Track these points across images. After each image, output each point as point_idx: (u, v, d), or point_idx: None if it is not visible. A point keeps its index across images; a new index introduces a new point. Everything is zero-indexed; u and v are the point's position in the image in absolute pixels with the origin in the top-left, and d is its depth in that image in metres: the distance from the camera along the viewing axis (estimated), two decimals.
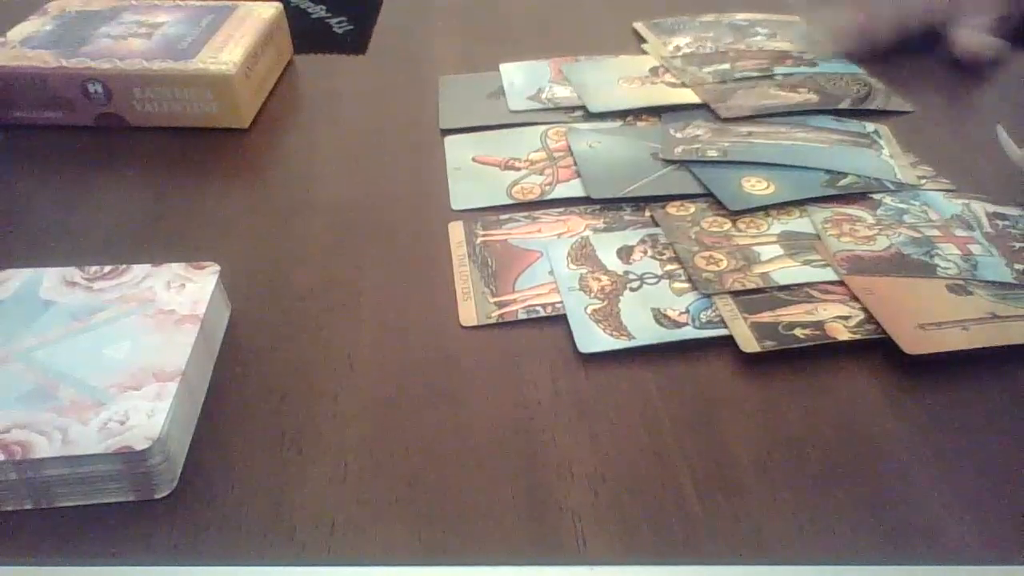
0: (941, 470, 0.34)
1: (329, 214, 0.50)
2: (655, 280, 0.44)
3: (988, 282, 0.43)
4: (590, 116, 0.60)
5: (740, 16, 0.76)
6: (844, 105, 0.60)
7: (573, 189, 0.52)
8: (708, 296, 0.42)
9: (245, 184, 0.53)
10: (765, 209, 0.49)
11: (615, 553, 0.31)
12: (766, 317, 0.41)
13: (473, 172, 0.54)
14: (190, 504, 0.33)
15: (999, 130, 0.50)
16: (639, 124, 0.59)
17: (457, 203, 0.51)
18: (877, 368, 0.39)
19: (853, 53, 0.67)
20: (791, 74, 0.64)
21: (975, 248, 0.46)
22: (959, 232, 0.47)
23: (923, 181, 0.52)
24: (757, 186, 0.51)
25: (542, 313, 0.42)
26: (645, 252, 0.46)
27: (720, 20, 0.75)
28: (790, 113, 0.59)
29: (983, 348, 0.39)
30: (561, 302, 0.43)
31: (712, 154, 0.54)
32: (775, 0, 0.78)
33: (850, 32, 0.67)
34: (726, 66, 0.66)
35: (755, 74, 0.64)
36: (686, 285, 0.43)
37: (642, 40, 0.72)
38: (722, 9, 0.78)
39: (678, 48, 0.69)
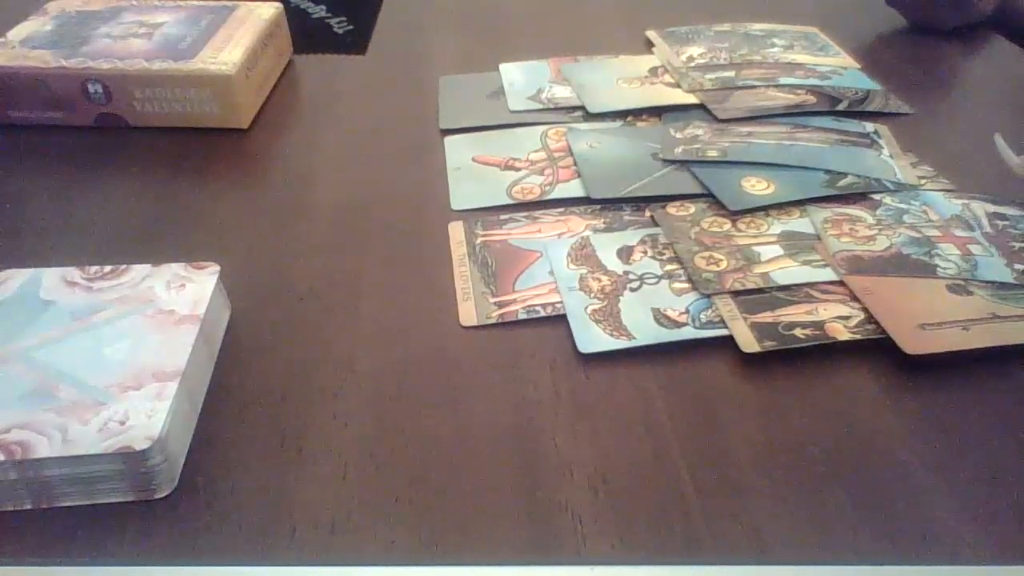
0: (941, 470, 0.34)
1: (329, 214, 0.50)
2: (655, 280, 0.44)
3: (988, 282, 0.43)
4: (590, 116, 0.60)
5: (756, 26, 0.74)
6: (842, 107, 0.60)
7: (573, 189, 0.52)
8: (708, 296, 0.42)
9: (245, 184, 0.53)
10: (765, 209, 0.49)
11: (615, 553, 0.31)
12: (766, 317, 0.41)
13: (473, 172, 0.54)
14: (190, 504, 0.33)
15: (997, 139, 0.50)
16: (639, 124, 0.59)
17: (457, 203, 0.51)
18: (877, 368, 0.39)
19: None
20: (799, 85, 0.63)
21: (975, 248, 0.46)
22: (959, 232, 0.47)
23: (923, 181, 0.52)
24: (757, 186, 0.51)
25: (542, 313, 0.42)
26: (645, 252, 0.46)
27: (736, 30, 0.73)
28: (789, 114, 0.59)
29: (983, 348, 0.39)
30: (561, 302, 0.43)
31: (712, 154, 0.54)
32: (784, 9, 0.77)
33: None
34: (730, 74, 0.65)
35: (759, 83, 0.63)
36: (686, 285, 0.43)
37: (651, 47, 0.71)
38: (720, 14, 0.77)
39: (691, 58, 0.67)
